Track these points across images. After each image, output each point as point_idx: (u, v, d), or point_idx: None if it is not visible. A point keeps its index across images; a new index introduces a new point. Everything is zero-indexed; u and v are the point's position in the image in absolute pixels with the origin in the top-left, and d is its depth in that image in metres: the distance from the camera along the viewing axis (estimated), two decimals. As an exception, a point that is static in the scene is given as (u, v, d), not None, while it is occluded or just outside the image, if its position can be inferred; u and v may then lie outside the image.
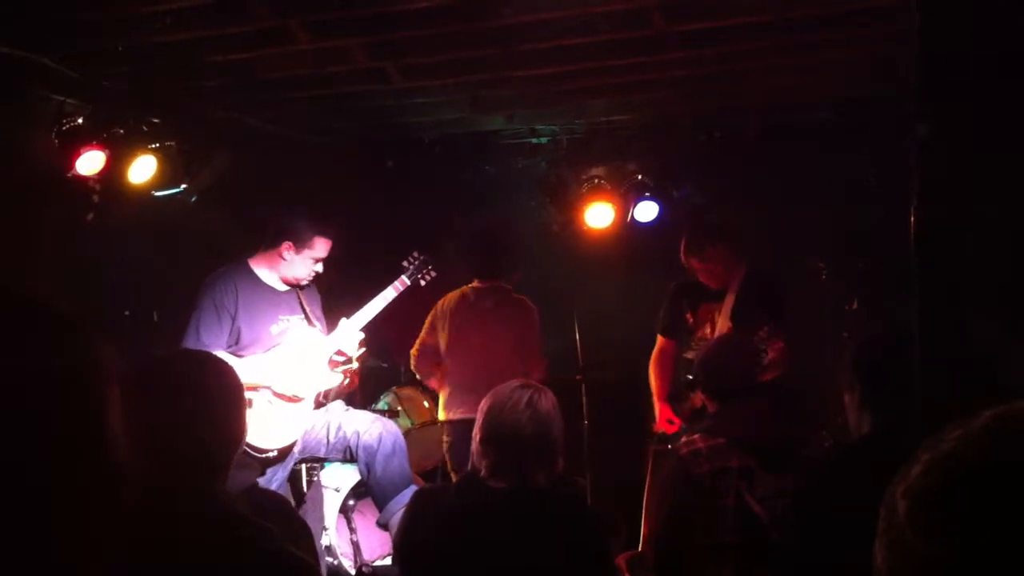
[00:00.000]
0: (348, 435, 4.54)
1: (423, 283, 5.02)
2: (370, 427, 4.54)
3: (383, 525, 4.55)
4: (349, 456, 4.59)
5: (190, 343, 4.32)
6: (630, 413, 6.16)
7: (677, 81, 4.80)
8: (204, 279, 4.52)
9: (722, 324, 4.87)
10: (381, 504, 4.51)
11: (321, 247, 4.50)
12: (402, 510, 4.35)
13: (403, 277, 4.91)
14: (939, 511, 0.84)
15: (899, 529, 0.87)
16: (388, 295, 4.83)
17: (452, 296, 5.27)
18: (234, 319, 4.42)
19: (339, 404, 4.77)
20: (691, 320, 5.11)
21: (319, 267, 4.58)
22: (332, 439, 4.57)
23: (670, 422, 5.09)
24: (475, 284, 5.26)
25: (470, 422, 2.87)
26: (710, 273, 4.92)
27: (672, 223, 5.92)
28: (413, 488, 4.51)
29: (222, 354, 4.27)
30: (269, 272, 4.55)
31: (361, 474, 4.60)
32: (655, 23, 3.99)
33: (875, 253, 5.01)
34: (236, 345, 4.45)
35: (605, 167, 5.97)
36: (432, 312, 5.29)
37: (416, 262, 4.99)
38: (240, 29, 4.18)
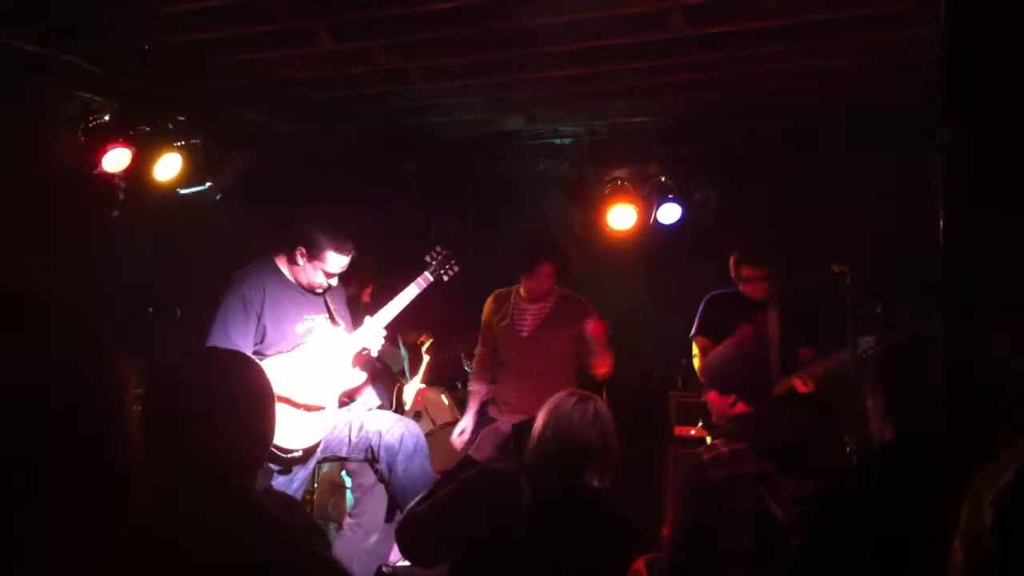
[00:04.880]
0: (370, 435, 4.52)
1: (446, 278, 4.99)
2: (392, 427, 4.52)
3: None
4: (371, 456, 4.56)
5: (218, 340, 4.28)
6: (651, 415, 6.13)
7: (697, 84, 4.78)
8: (231, 275, 4.49)
9: (774, 330, 5.07)
10: (401, 505, 4.48)
11: (333, 262, 4.37)
12: None
13: (426, 273, 4.87)
14: None
15: (983, 536, 0.87)
16: (411, 292, 4.80)
17: None
18: (260, 317, 4.40)
19: (362, 404, 4.76)
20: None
21: (333, 281, 4.48)
22: (354, 439, 4.55)
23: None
24: None
25: None
26: (759, 285, 5.16)
27: (694, 225, 5.90)
28: None
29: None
30: (291, 272, 4.55)
31: (382, 474, 4.57)
32: (675, 26, 3.98)
33: (898, 257, 4.97)
34: (261, 343, 4.44)
35: (628, 168, 5.94)
36: None
37: (439, 257, 4.96)
38: (263, 30, 4.21)
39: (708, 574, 3.18)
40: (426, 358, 5.96)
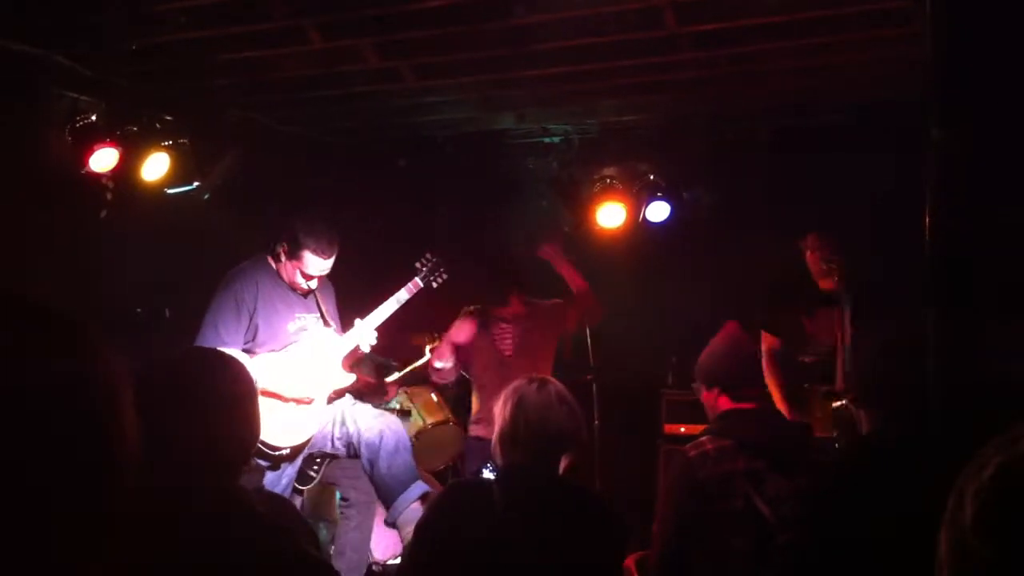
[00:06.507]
0: (351, 431, 4.50)
1: (435, 285, 5.00)
2: (371, 423, 4.50)
3: (391, 524, 4.52)
4: (353, 452, 4.55)
5: (208, 338, 4.28)
6: (641, 413, 6.15)
7: (689, 82, 4.78)
8: (225, 273, 4.49)
9: (846, 331, 4.70)
10: (387, 502, 4.46)
11: (310, 263, 4.39)
12: (411, 507, 4.34)
13: (416, 279, 4.89)
14: (1006, 518, 0.84)
15: (963, 528, 0.87)
16: (402, 297, 4.81)
17: None
18: (252, 315, 4.41)
19: (347, 398, 4.75)
20: (808, 324, 5.02)
21: (313, 283, 4.50)
22: (337, 434, 4.55)
23: None
24: None
25: None
26: (832, 272, 4.78)
27: (684, 223, 5.91)
28: (420, 485, 4.46)
29: (236, 353, 4.27)
30: (279, 269, 4.55)
31: (365, 471, 4.55)
32: (667, 24, 3.98)
33: (889, 255, 5.00)
34: (252, 341, 4.44)
35: (617, 167, 5.95)
36: None
37: (429, 264, 4.97)
38: (253, 28, 4.19)
39: (699, 573, 3.18)
40: (426, 357, 5.94)
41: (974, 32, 2.15)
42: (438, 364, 5.32)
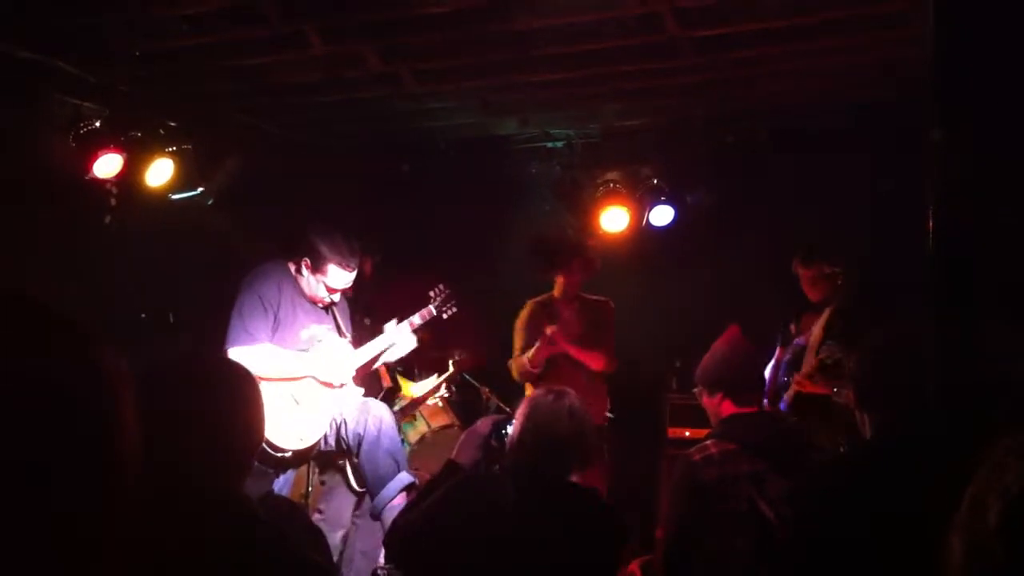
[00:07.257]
0: (338, 423, 4.49)
1: (445, 317, 5.04)
2: (356, 415, 4.47)
3: (375, 516, 4.41)
4: (345, 446, 4.51)
5: (238, 335, 4.28)
6: (644, 416, 6.15)
7: (690, 86, 4.79)
8: (248, 273, 4.49)
9: (816, 334, 4.97)
10: (372, 494, 4.40)
11: (335, 276, 4.40)
12: (395, 499, 4.30)
13: (431, 307, 4.94)
14: None
15: (983, 533, 0.86)
16: (416, 321, 4.86)
17: None
18: (276, 313, 4.41)
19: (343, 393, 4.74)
20: (793, 329, 5.31)
21: (336, 296, 4.52)
22: (328, 431, 4.54)
23: None
24: None
25: None
26: (813, 285, 5.07)
27: (686, 226, 5.92)
28: (404, 476, 4.40)
29: (270, 347, 4.28)
30: (297, 280, 4.54)
31: (354, 461, 4.53)
32: (668, 29, 3.98)
33: (889, 256, 5.00)
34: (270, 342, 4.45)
35: (620, 171, 5.96)
36: None
37: (442, 295, 5.02)
38: (255, 34, 4.21)
39: (701, 573, 3.18)
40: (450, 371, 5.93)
41: (974, 32, 2.15)
42: (537, 371, 5.31)
